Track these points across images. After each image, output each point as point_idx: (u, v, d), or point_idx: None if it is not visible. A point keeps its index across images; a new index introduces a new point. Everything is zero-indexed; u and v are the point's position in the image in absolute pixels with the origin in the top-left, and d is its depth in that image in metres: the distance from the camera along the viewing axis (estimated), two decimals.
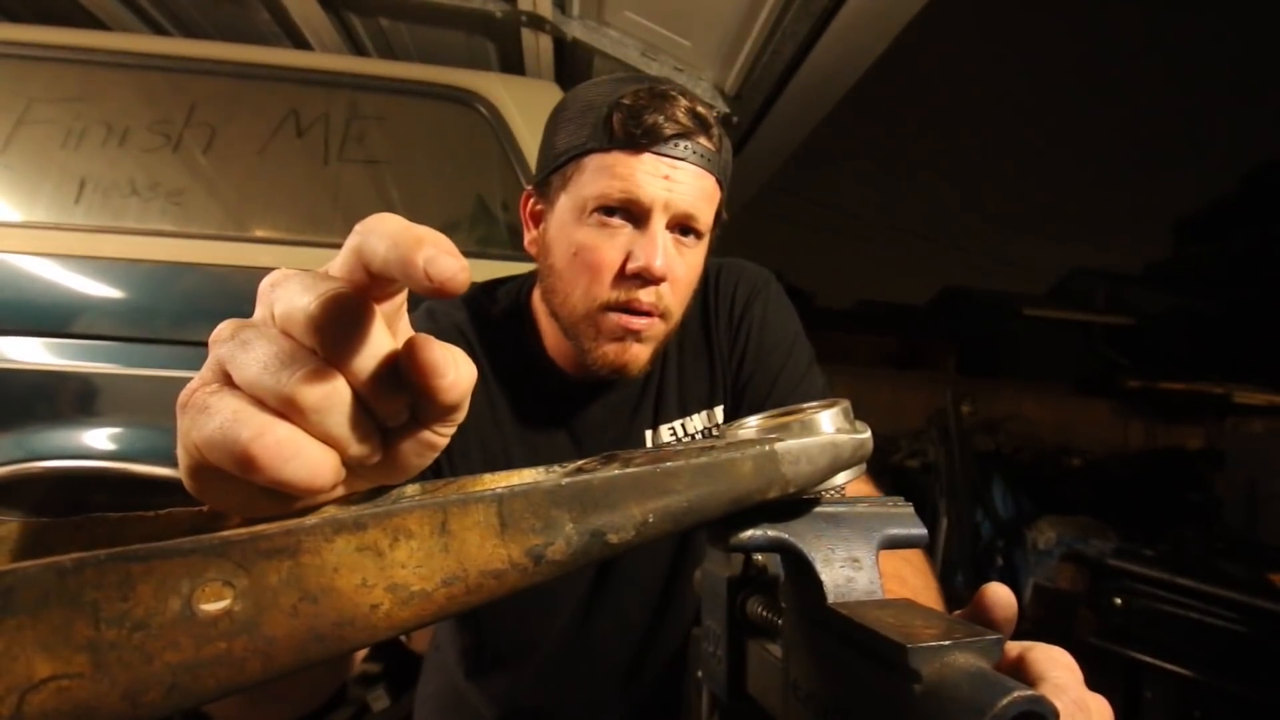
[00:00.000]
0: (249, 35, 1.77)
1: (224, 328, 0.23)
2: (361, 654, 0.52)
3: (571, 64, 1.82)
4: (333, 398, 0.21)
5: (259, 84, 1.45)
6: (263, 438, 0.20)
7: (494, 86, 1.48)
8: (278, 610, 0.17)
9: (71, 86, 1.40)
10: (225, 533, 0.17)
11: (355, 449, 0.23)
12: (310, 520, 0.18)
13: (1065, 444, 5.12)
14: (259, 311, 0.23)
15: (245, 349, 0.22)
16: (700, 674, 0.36)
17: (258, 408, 0.21)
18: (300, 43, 1.76)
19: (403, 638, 1.38)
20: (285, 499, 0.23)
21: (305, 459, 0.21)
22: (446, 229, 1.56)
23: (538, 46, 1.72)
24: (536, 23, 1.63)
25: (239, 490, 0.23)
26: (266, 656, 0.17)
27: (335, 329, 0.21)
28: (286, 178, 1.41)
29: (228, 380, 0.22)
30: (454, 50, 1.85)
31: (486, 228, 1.46)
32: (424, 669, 0.92)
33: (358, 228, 0.23)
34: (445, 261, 0.21)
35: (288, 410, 0.21)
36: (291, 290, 0.22)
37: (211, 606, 0.17)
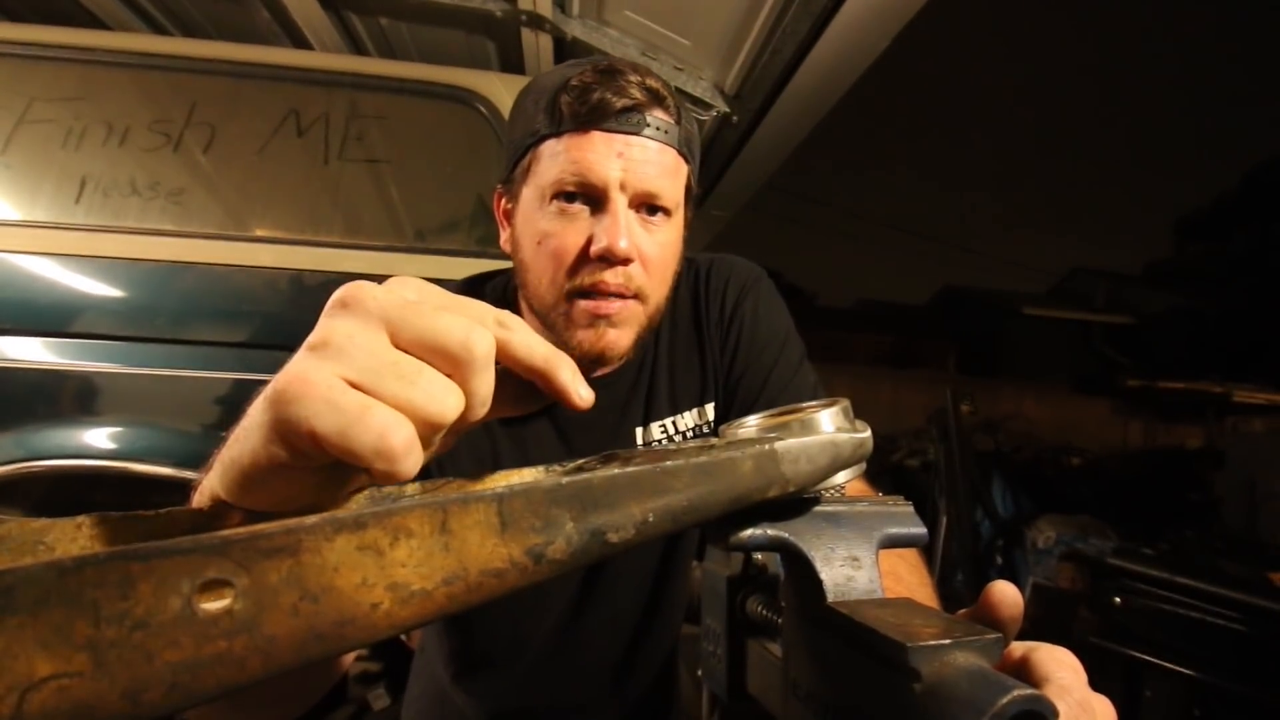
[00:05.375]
0: (249, 35, 1.77)
1: (333, 330, 0.26)
2: (351, 657, 0.52)
3: None
4: (454, 417, 0.25)
5: (259, 83, 1.45)
6: (399, 433, 0.23)
7: (494, 86, 1.48)
8: (278, 609, 0.17)
9: (72, 86, 1.40)
10: (226, 532, 0.17)
11: (432, 452, 0.27)
12: (310, 520, 0.18)
13: (1065, 443, 5.12)
14: (357, 320, 0.26)
15: (374, 359, 0.25)
16: (700, 673, 0.36)
17: (385, 406, 0.24)
18: (300, 42, 1.76)
19: (403, 636, 1.39)
20: (330, 490, 0.28)
21: (416, 456, 0.24)
22: (446, 228, 1.57)
23: (538, 46, 1.72)
24: (536, 22, 1.63)
25: (293, 485, 0.26)
26: (267, 655, 0.17)
27: (478, 366, 0.26)
28: (287, 177, 1.42)
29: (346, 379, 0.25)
30: (454, 50, 1.85)
31: (486, 227, 1.46)
32: (411, 670, 0.91)
33: (500, 317, 0.28)
34: (584, 390, 0.29)
35: (413, 418, 0.24)
36: (427, 316, 0.26)
37: (212, 605, 0.17)
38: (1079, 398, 9.86)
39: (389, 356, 0.25)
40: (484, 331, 0.26)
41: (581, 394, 0.29)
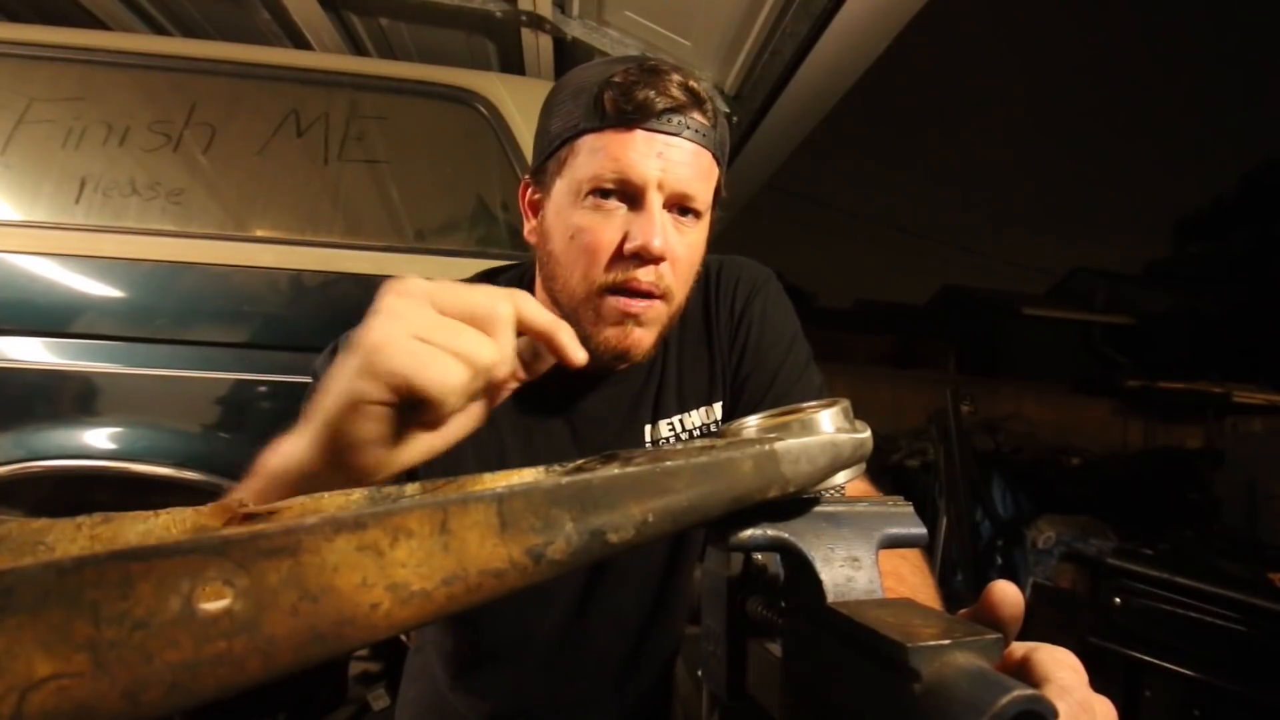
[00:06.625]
0: (249, 35, 1.77)
1: (393, 305, 0.36)
2: None
3: (571, 64, 1.82)
4: (491, 363, 0.37)
5: (259, 84, 1.45)
6: (457, 374, 0.35)
7: (494, 86, 1.48)
8: (278, 609, 0.17)
9: (72, 86, 1.40)
10: (225, 532, 0.17)
11: (477, 415, 0.43)
12: (310, 520, 0.18)
13: (1065, 443, 5.12)
14: (411, 299, 0.36)
15: (429, 320, 0.36)
16: (700, 673, 0.36)
17: (445, 353, 0.35)
18: (300, 42, 1.76)
19: (403, 636, 1.39)
20: (421, 425, 0.39)
21: (464, 395, 0.36)
22: (446, 229, 1.57)
23: (537, 46, 1.72)
24: (536, 22, 1.63)
25: (368, 425, 0.36)
26: (267, 655, 0.17)
27: (502, 324, 0.37)
28: (286, 177, 1.41)
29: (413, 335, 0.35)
30: (454, 50, 1.85)
31: (486, 227, 1.46)
32: (405, 671, 0.91)
33: (510, 294, 0.38)
34: (579, 351, 0.40)
35: (463, 361, 0.35)
36: (462, 293, 0.37)
37: (212, 605, 0.17)
38: (1079, 398, 9.87)
39: (438, 320, 0.36)
40: (506, 302, 0.37)
41: (578, 354, 0.39)
